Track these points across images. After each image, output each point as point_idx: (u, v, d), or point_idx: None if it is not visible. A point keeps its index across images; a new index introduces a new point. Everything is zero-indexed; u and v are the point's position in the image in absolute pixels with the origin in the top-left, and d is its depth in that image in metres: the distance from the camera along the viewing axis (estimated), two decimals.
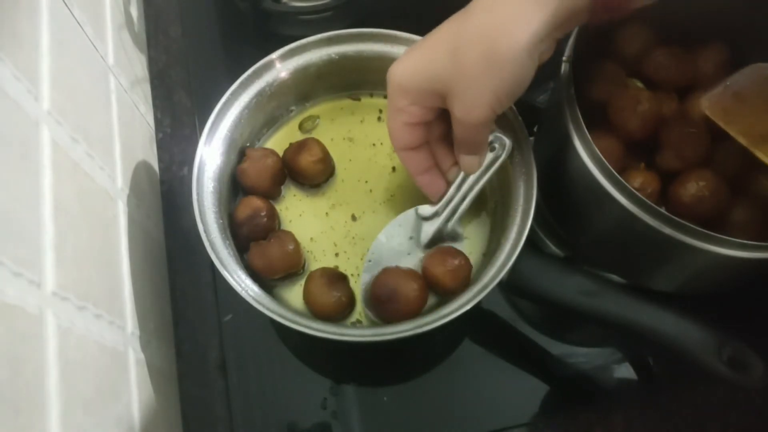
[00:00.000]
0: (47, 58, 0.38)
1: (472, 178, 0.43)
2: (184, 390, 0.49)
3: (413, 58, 0.39)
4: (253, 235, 0.45)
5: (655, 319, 0.40)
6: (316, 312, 0.43)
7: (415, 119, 0.40)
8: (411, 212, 0.45)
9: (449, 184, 0.44)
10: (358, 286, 0.45)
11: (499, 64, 0.35)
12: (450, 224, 0.44)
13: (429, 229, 0.44)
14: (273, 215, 0.47)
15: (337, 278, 0.44)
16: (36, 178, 0.33)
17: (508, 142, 0.43)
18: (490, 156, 0.43)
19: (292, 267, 0.45)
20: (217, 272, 0.40)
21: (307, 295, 0.44)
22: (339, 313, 0.44)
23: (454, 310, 0.39)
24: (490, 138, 0.43)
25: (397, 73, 0.39)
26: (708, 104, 0.41)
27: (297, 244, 0.45)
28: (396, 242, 0.45)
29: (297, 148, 0.47)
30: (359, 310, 0.45)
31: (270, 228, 0.46)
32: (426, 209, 0.44)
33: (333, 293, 0.43)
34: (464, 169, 0.42)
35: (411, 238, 0.45)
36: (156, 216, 0.54)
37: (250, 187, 0.47)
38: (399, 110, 0.40)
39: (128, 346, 0.41)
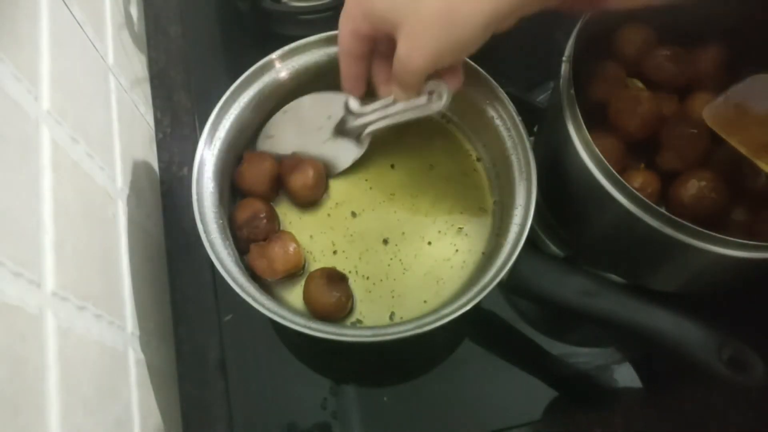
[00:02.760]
0: (47, 58, 0.38)
1: (399, 106, 0.44)
2: (184, 390, 0.49)
3: None
4: (252, 237, 0.45)
5: (655, 319, 0.40)
6: (315, 312, 0.43)
7: (362, 31, 0.40)
8: (341, 97, 0.46)
9: (379, 98, 0.45)
10: (357, 285, 0.45)
11: (453, 25, 0.35)
12: (364, 130, 0.46)
13: (346, 121, 0.46)
14: (272, 216, 0.46)
15: (336, 278, 0.44)
16: (36, 178, 0.33)
17: (445, 98, 0.43)
18: (423, 99, 0.43)
19: (293, 268, 0.45)
20: (217, 272, 0.40)
21: (306, 296, 0.44)
22: (339, 313, 0.44)
23: (454, 310, 0.39)
24: (434, 86, 0.43)
25: None
26: (709, 115, 0.42)
27: (297, 244, 0.45)
28: (315, 112, 0.47)
29: (292, 166, 0.47)
30: (359, 310, 0.45)
31: (270, 229, 0.46)
32: (354, 104, 0.45)
33: (333, 293, 0.43)
34: (394, 94, 0.43)
35: (329, 117, 0.47)
36: (156, 216, 0.54)
37: (248, 191, 0.47)
38: (351, 17, 0.40)
39: (128, 346, 0.41)
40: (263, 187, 0.47)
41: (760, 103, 0.41)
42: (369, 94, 0.45)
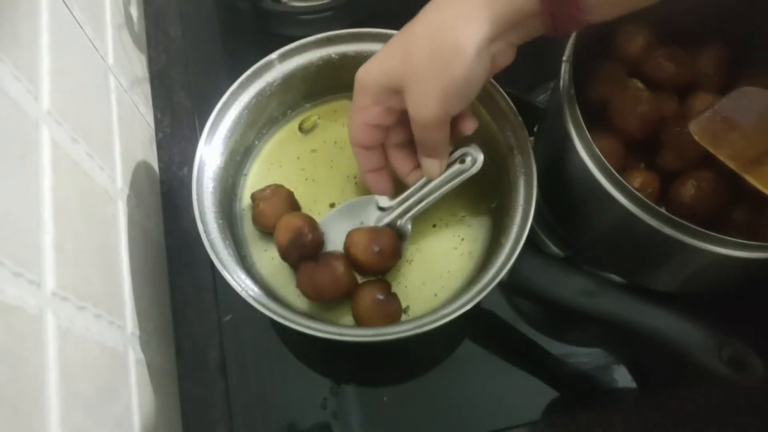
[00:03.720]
0: (47, 58, 0.38)
1: (433, 183, 0.44)
2: (184, 390, 0.49)
3: (375, 58, 0.39)
4: (305, 256, 0.43)
5: (655, 319, 0.40)
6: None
7: (374, 120, 0.40)
8: (369, 198, 0.46)
9: (408, 186, 0.44)
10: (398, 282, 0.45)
11: (446, 60, 0.35)
12: (401, 221, 0.45)
13: (381, 220, 0.45)
14: (314, 225, 0.44)
15: (386, 289, 0.43)
16: (36, 178, 0.33)
17: (480, 159, 0.43)
18: (457, 167, 0.44)
19: (344, 292, 0.43)
20: (217, 272, 0.40)
21: (361, 318, 0.43)
22: (398, 318, 0.43)
23: (454, 310, 0.39)
24: (463, 151, 0.44)
25: (360, 73, 0.40)
26: (696, 129, 0.41)
27: (347, 265, 0.43)
28: (346, 222, 0.45)
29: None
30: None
31: (318, 241, 0.44)
32: (384, 200, 0.45)
33: (391, 305, 0.42)
34: (425, 172, 0.42)
35: (362, 222, 0.46)
36: (156, 216, 0.54)
37: (273, 226, 0.45)
38: (360, 109, 0.40)
39: (128, 346, 0.41)
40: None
41: (747, 117, 0.41)
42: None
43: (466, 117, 0.41)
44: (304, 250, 0.43)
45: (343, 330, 0.40)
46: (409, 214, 0.45)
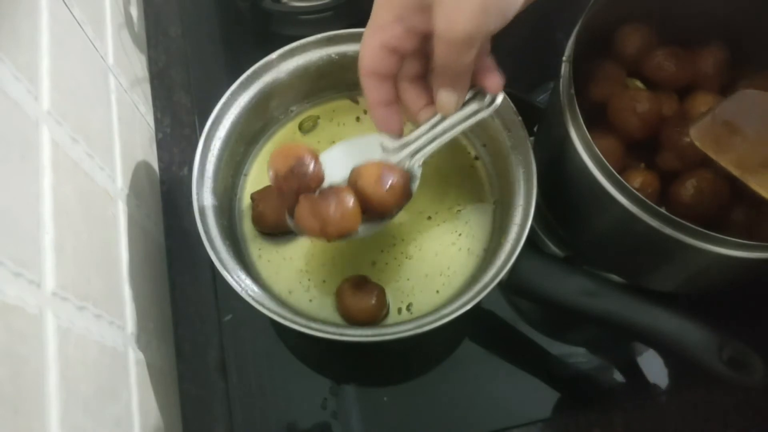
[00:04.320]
0: (47, 58, 0.38)
1: (446, 122, 0.40)
2: (184, 390, 0.49)
3: None
4: (304, 187, 0.39)
5: (655, 319, 0.40)
6: (358, 320, 0.43)
7: (393, 42, 0.36)
8: (373, 138, 0.41)
9: (417, 125, 0.41)
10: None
11: None
12: (410, 162, 0.41)
13: (387, 160, 0.41)
14: (317, 158, 0.40)
15: (363, 282, 0.44)
16: (36, 178, 0.33)
17: (499, 97, 0.39)
18: (473, 106, 0.40)
19: (350, 230, 0.38)
20: (217, 272, 0.40)
21: (343, 310, 0.44)
22: (380, 313, 0.44)
23: (454, 310, 0.39)
24: (480, 87, 0.40)
25: None
26: (697, 135, 0.40)
27: (355, 198, 0.39)
28: (348, 160, 0.41)
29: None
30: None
31: (319, 174, 0.40)
32: (389, 141, 0.41)
33: (369, 298, 0.43)
34: (440, 107, 0.38)
35: (365, 162, 0.41)
36: (156, 216, 0.54)
37: (273, 227, 0.46)
38: (380, 28, 0.37)
39: (128, 346, 0.41)
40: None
41: (748, 122, 0.40)
42: None
43: (491, 71, 0.38)
44: (304, 181, 0.38)
45: (343, 330, 0.40)
46: (419, 154, 0.40)
